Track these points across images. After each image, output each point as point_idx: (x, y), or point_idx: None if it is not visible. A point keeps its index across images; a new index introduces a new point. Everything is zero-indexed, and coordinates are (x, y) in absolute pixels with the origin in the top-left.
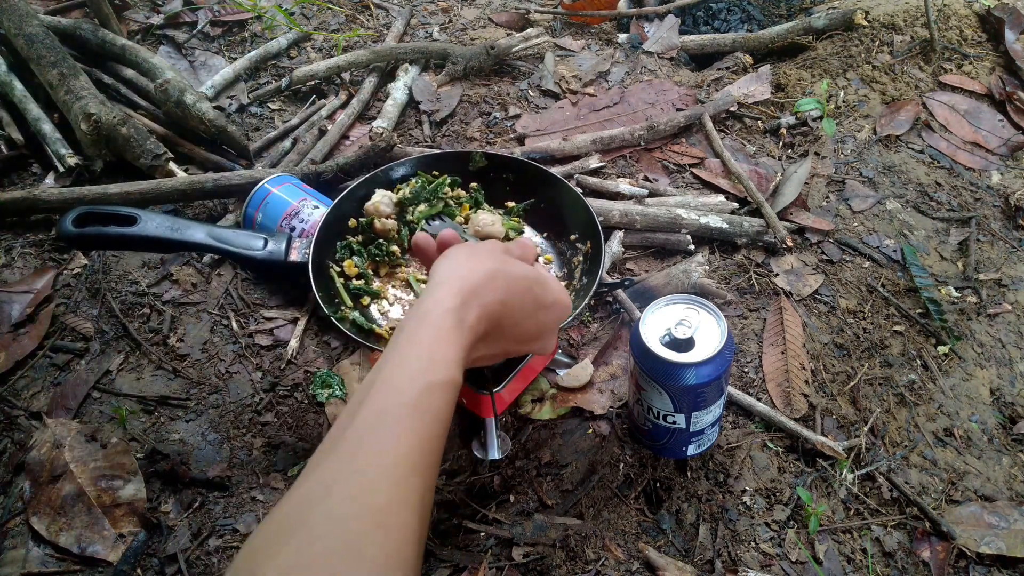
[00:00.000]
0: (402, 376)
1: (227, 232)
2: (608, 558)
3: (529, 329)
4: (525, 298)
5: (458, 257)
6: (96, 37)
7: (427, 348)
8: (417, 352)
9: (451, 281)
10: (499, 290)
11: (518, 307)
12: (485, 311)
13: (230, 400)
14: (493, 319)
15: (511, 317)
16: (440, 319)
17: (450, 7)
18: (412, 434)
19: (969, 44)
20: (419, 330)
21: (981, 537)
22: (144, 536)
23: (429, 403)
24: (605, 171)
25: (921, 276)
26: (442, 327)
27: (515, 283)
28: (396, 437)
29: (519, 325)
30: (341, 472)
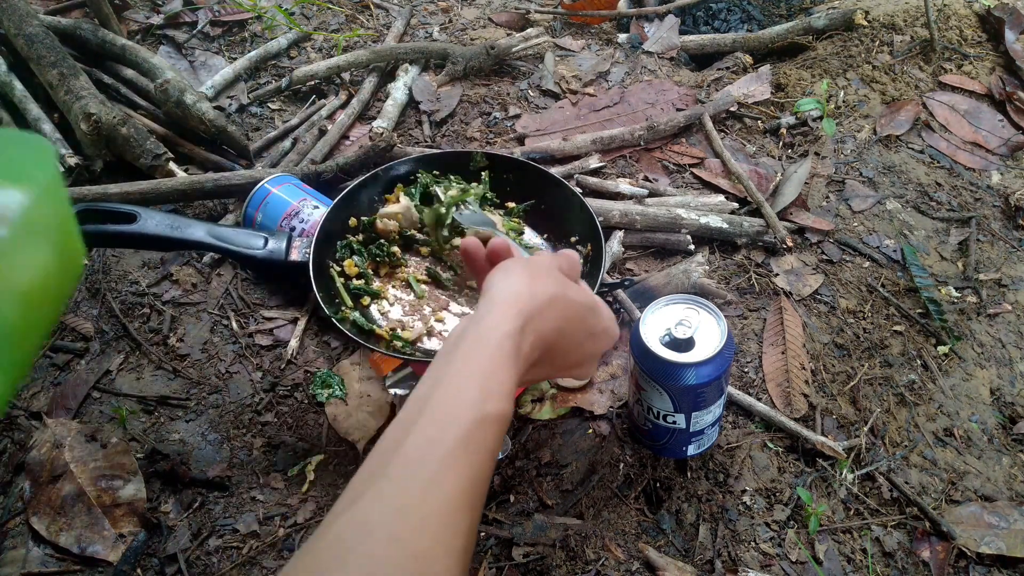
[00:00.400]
0: (457, 404)
1: (227, 231)
2: (608, 558)
3: (576, 357)
4: (579, 326)
5: (518, 275)
6: (96, 37)
7: (484, 375)
8: (474, 379)
9: (511, 302)
10: (557, 318)
11: (571, 335)
12: (541, 338)
13: (230, 400)
14: (547, 346)
15: (563, 345)
16: (499, 344)
17: (450, 7)
18: (462, 471)
19: (969, 44)
20: (476, 352)
21: (981, 537)
22: (144, 536)
23: (482, 437)
24: (605, 171)
25: (921, 276)
26: (500, 353)
27: (572, 310)
28: (446, 474)
29: (568, 353)
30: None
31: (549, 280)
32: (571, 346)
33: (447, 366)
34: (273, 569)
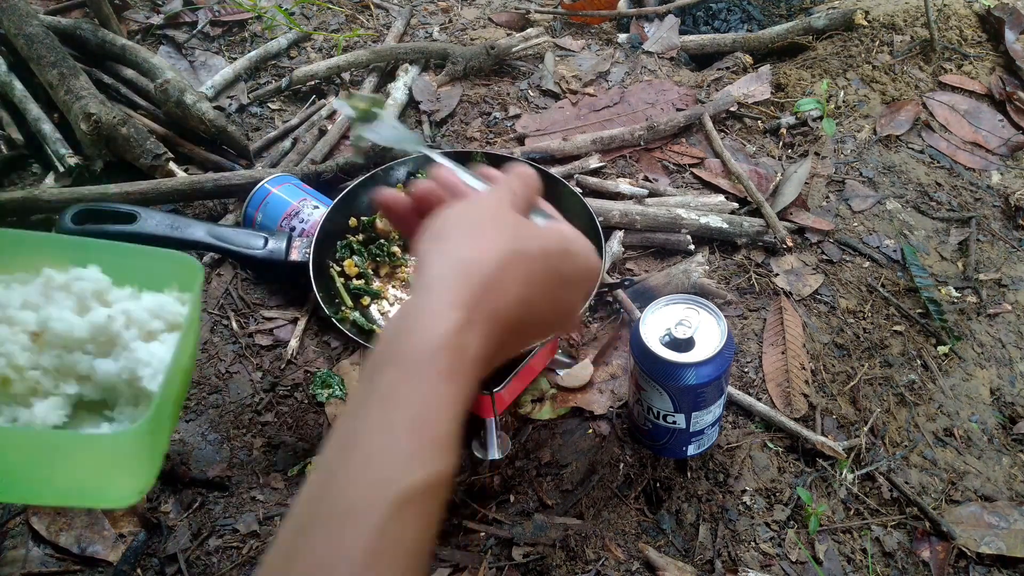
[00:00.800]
0: (368, 486)
1: (227, 231)
2: (608, 558)
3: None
4: (549, 283)
5: (455, 238)
6: (96, 37)
7: (411, 422)
8: (395, 433)
9: (445, 287)
10: (517, 284)
11: (540, 296)
12: (498, 321)
13: (230, 400)
14: (509, 326)
15: (532, 314)
16: (431, 360)
17: (450, 7)
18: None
19: (969, 44)
20: (400, 384)
21: (981, 537)
22: (144, 536)
23: (407, 526)
24: (605, 171)
25: (921, 276)
26: (434, 374)
27: (536, 267)
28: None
29: (541, 318)
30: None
31: (497, 233)
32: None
33: (359, 416)
34: None
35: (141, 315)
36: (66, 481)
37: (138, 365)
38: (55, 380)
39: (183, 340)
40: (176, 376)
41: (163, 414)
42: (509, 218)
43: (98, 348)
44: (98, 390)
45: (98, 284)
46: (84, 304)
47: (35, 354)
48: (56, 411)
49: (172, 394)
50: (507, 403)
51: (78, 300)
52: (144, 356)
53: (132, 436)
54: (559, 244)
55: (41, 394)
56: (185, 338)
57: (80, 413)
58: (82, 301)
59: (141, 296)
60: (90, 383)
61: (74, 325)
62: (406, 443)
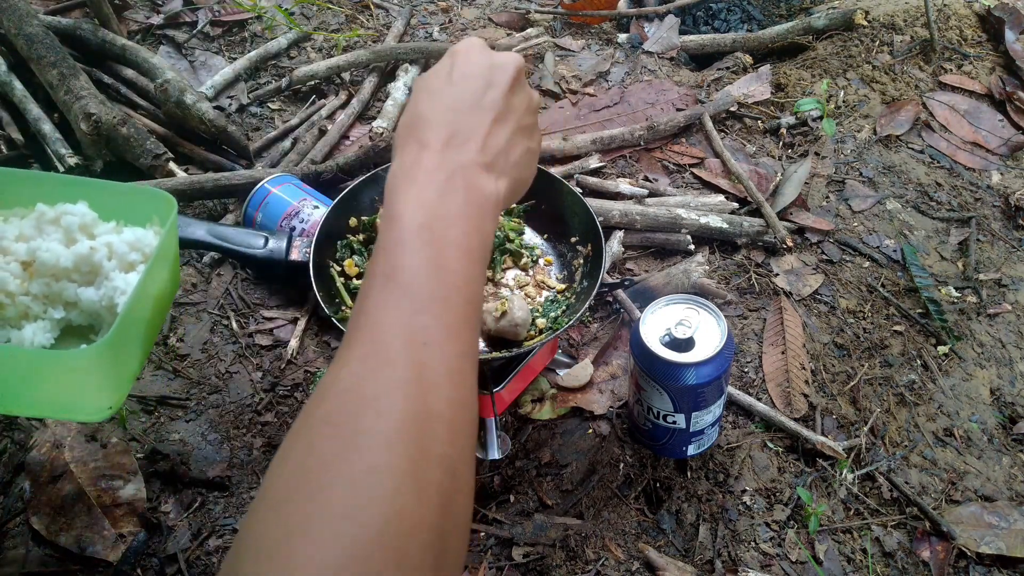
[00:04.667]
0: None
1: (228, 230)
2: (608, 558)
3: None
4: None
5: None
6: (96, 37)
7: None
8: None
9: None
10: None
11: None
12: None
13: (230, 400)
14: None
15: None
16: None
17: (450, 7)
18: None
19: (969, 44)
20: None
21: (981, 537)
22: (144, 536)
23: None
24: (605, 171)
25: (921, 276)
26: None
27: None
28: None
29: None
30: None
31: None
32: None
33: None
34: None
35: (121, 247)
36: (42, 394)
37: (115, 293)
38: (44, 305)
39: (151, 267)
40: (145, 301)
41: (127, 335)
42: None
43: (82, 277)
44: (84, 316)
45: (84, 218)
46: (71, 236)
47: (25, 281)
48: (44, 334)
49: (139, 317)
50: (507, 403)
51: (66, 233)
52: (121, 285)
53: (95, 351)
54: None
55: (31, 318)
56: (154, 266)
57: (68, 338)
58: (69, 234)
59: (123, 230)
60: (76, 309)
61: (60, 255)
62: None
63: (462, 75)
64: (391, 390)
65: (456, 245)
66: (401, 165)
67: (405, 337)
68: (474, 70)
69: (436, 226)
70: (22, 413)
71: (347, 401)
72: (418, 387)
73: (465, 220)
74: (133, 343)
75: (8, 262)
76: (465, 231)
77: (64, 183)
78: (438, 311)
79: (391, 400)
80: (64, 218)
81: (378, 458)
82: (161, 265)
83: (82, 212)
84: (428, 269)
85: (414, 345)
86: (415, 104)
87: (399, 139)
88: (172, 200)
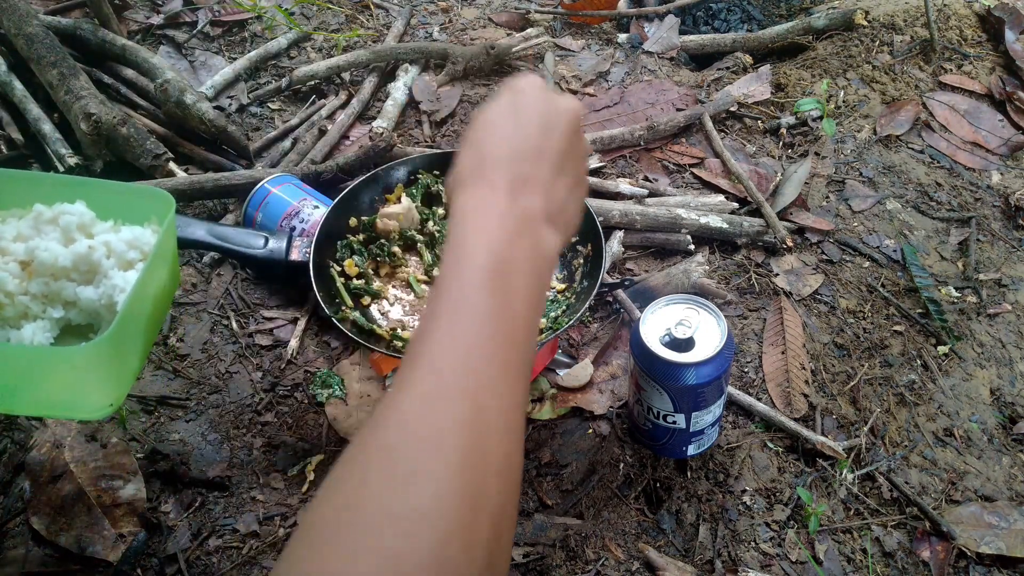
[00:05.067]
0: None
1: (228, 230)
2: (608, 558)
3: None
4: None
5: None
6: (96, 37)
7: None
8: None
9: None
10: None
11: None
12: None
13: (230, 400)
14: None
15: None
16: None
17: (450, 7)
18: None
19: (969, 44)
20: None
21: (981, 537)
22: (144, 536)
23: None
24: (605, 171)
25: (921, 276)
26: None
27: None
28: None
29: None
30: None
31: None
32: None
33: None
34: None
35: (119, 246)
36: (42, 392)
37: (115, 291)
38: (43, 305)
39: (150, 265)
40: (144, 299)
41: (127, 332)
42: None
43: (81, 276)
44: (83, 315)
45: (83, 218)
46: (69, 236)
47: (24, 281)
48: (44, 333)
49: (139, 315)
50: None
51: (64, 232)
52: (120, 283)
53: (95, 348)
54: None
55: (30, 318)
56: (153, 264)
57: (68, 337)
58: (67, 233)
59: (121, 229)
60: (75, 308)
61: (58, 255)
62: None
63: (526, 118)
64: (450, 430)
65: (522, 295)
66: (470, 202)
67: (468, 378)
68: (537, 113)
69: (506, 273)
70: (23, 412)
71: (406, 435)
72: (476, 431)
73: (531, 272)
74: (133, 340)
75: (7, 262)
76: (529, 283)
77: (61, 183)
78: (503, 357)
79: (450, 440)
80: (62, 218)
81: (431, 503)
82: (160, 263)
83: (80, 212)
84: (496, 314)
85: (477, 388)
86: (480, 141)
87: (466, 173)
88: (170, 199)
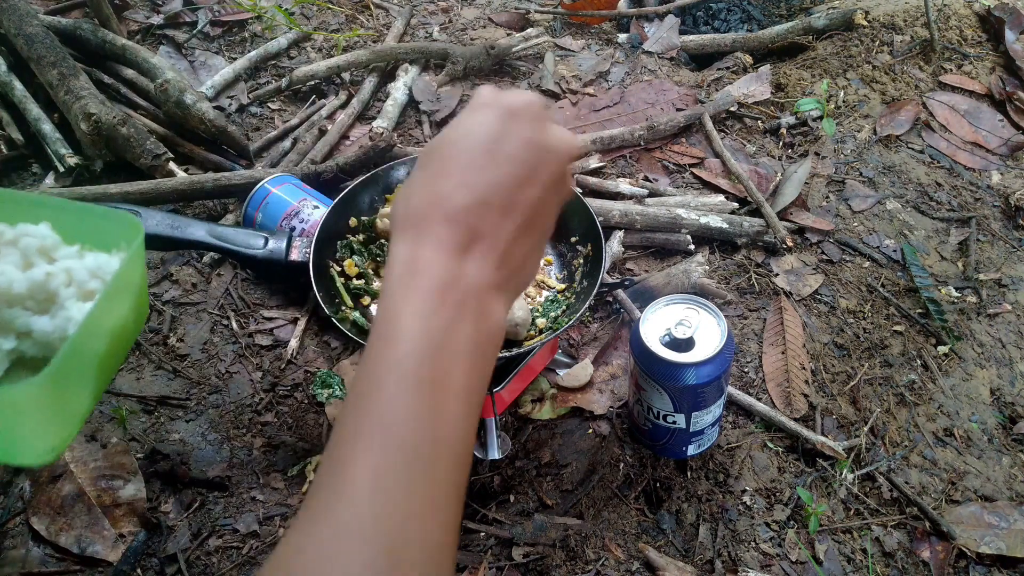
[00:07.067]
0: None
1: (228, 230)
2: (608, 558)
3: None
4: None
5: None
6: (96, 37)
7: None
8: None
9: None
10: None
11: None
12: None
13: (230, 400)
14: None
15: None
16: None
17: (450, 7)
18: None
19: (969, 44)
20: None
21: (981, 537)
22: (144, 536)
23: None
24: (605, 171)
25: (921, 276)
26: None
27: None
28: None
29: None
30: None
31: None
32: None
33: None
34: None
35: (81, 274)
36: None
37: (70, 324)
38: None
39: (105, 296)
40: (97, 335)
41: (73, 370)
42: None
43: (37, 305)
44: (37, 347)
45: (45, 241)
46: (28, 260)
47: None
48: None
49: (91, 350)
50: (507, 403)
51: (23, 255)
52: (76, 315)
53: (34, 386)
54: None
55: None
56: (111, 294)
57: (20, 370)
58: (27, 256)
59: (86, 255)
60: (29, 339)
61: (13, 280)
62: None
63: (508, 155)
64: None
65: (456, 392)
66: (408, 260)
67: (382, 508)
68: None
69: (438, 365)
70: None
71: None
72: (391, 571)
73: (470, 359)
74: (82, 379)
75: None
76: (468, 372)
77: (27, 202)
78: (428, 475)
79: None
80: (23, 240)
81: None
82: (121, 294)
83: (43, 234)
84: (422, 420)
85: (392, 519)
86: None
87: (412, 214)
88: (139, 224)
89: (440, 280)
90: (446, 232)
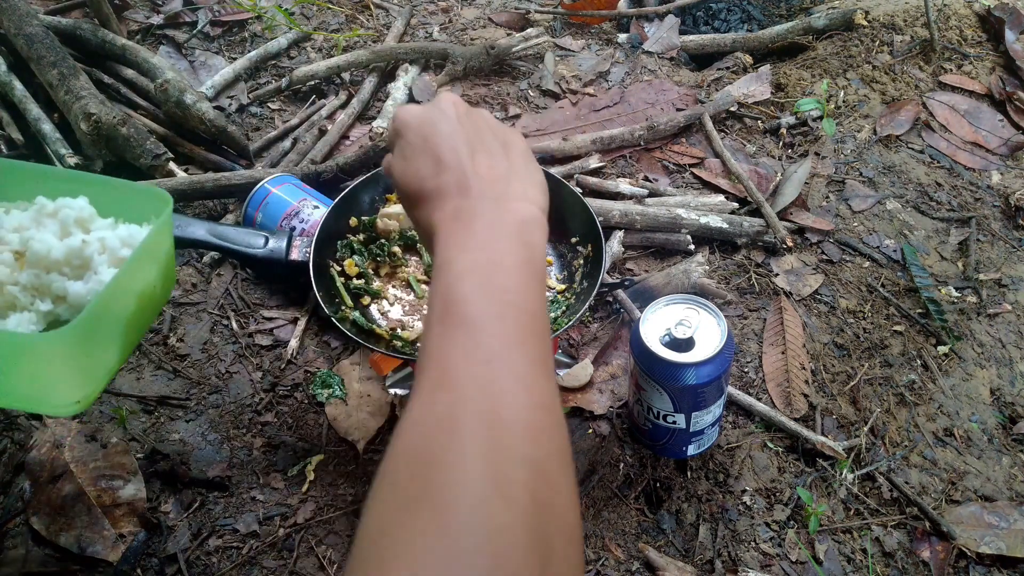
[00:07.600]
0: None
1: (228, 230)
2: (608, 558)
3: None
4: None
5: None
6: (96, 37)
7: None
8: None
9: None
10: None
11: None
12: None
13: (230, 400)
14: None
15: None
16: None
17: (450, 7)
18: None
19: (969, 44)
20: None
21: (981, 537)
22: (144, 536)
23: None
24: (605, 171)
25: (921, 276)
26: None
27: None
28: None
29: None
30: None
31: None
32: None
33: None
34: (273, 569)
35: (113, 242)
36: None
37: (101, 287)
38: (32, 297)
39: (133, 260)
40: (125, 295)
41: (100, 325)
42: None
43: (73, 271)
44: (71, 311)
45: (82, 212)
46: (66, 230)
47: (16, 271)
48: (29, 325)
49: (117, 310)
50: None
51: (62, 225)
52: (107, 279)
53: (57, 338)
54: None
55: (18, 309)
56: (138, 259)
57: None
58: (65, 227)
59: (119, 227)
60: (64, 303)
61: (52, 247)
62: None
63: (457, 116)
64: (458, 411)
65: (502, 264)
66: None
67: (466, 360)
68: (455, 111)
69: (480, 256)
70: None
71: (419, 432)
72: (484, 402)
73: (507, 239)
74: (108, 336)
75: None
76: (510, 248)
77: (67, 178)
78: (494, 329)
79: (458, 419)
80: (62, 211)
81: (454, 475)
82: (147, 259)
83: (80, 206)
84: (479, 294)
85: (475, 364)
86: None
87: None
88: (167, 197)
89: (486, 220)
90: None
